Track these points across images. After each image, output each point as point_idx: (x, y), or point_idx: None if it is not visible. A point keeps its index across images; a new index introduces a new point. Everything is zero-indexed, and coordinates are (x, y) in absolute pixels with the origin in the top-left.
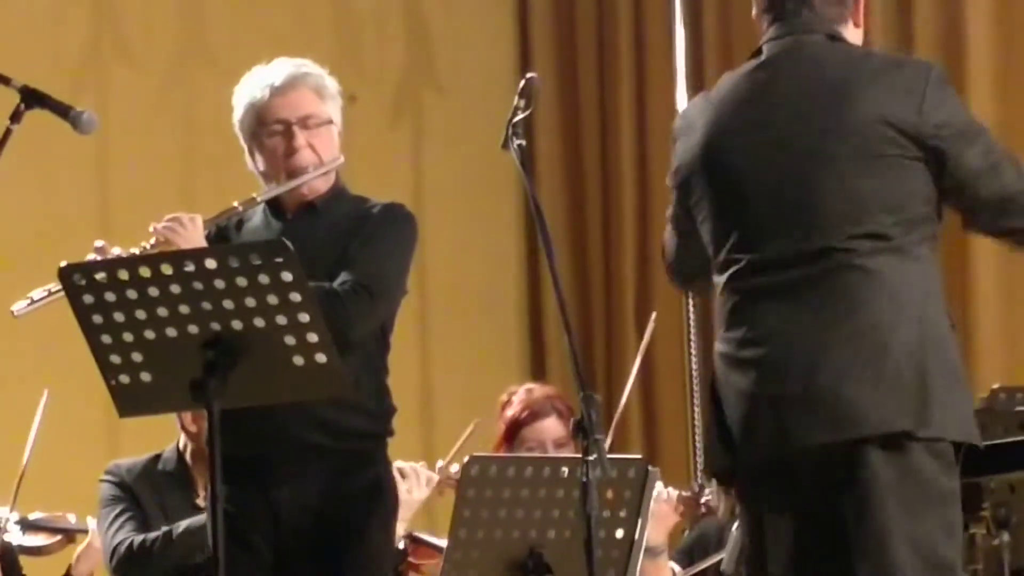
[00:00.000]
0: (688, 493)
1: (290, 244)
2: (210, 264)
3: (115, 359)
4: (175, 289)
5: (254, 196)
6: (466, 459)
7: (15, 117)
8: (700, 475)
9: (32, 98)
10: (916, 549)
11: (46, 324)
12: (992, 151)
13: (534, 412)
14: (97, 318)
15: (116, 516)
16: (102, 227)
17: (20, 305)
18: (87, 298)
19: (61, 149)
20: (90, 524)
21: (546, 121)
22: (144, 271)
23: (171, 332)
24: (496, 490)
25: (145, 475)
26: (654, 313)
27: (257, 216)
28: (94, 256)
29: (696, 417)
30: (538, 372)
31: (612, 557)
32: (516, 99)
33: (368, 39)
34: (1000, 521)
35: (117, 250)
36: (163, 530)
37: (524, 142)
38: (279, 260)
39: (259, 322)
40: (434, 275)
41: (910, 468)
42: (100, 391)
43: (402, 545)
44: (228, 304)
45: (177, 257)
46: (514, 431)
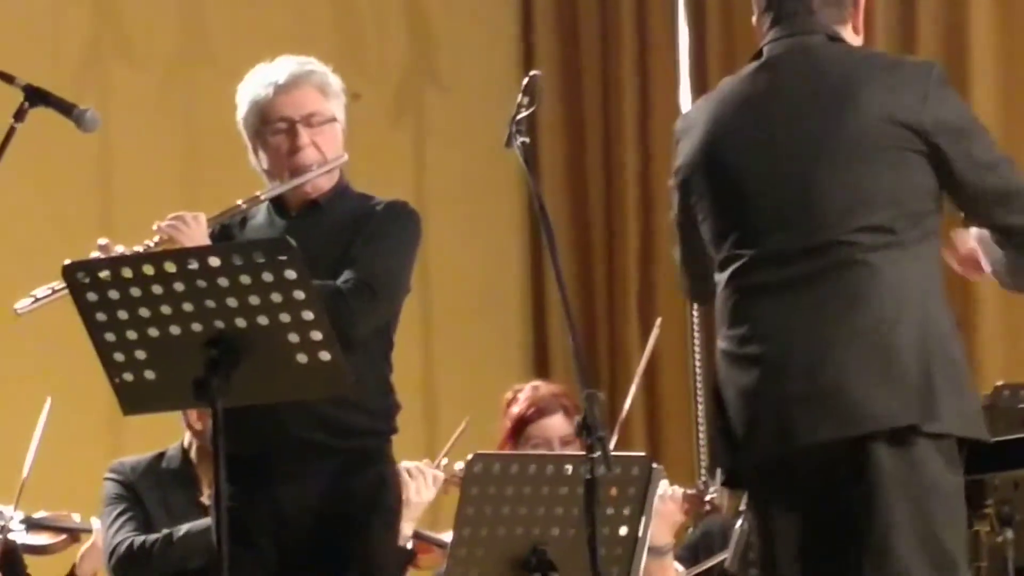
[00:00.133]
0: (693, 491)
1: (293, 242)
2: (214, 262)
3: (119, 357)
4: (179, 287)
5: (258, 194)
6: (469, 457)
7: (18, 115)
8: (704, 473)
9: (35, 96)
10: (922, 545)
11: (50, 322)
12: (994, 149)
13: (540, 409)
14: (101, 316)
15: (117, 515)
16: (104, 225)
17: (24, 303)
18: (91, 296)
19: (63, 147)
20: (94, 524)
21: (549, 119)
22: (148, 269)
23: (175, 330)
24: (500, 487)
25: (149, 473)
26: (659, 319)
27: (261, 214)
28: (97, 254)
29: (700, 415)
30: (541, 370)
31: (615, 555)
32: (519, 97)
33: (370, 37)
34: (1004, 518)
35: (120, 248)
36: (163, 533)
37: (527, 140)
38: (283, 258)
39: (263, 320)
40: (437, 273)
41: (915, 464)
42: (104, 389)
43: (410, 545)
44: (232, 302)
45: (181, 255)
46: (520, 428)
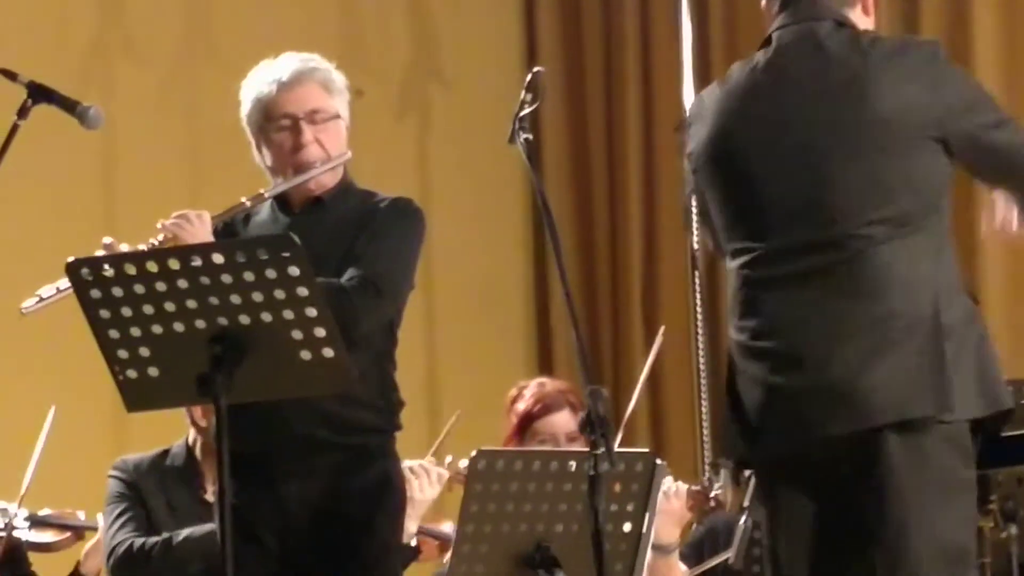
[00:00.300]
0: (697, 487)
1: (297, 239)
2: (217, 259)
3: (122, 354)
4: (182, 284)
5: (261, 192)
6: (473, 453)
7: (22, 112)
8: (708, 469)
9: (39, 93)
10: (935, 538)
11: (55, 320)
12: (1000, 111)
13: (547, 405)
14: (104, 313)
15: (118, 515)
16: (108, 222)
17: (29, 303)
18: (94, 293)
19: (67, 144)
20: (99, 521)
21: (552, 115)
22: (151, 266)
23: (178, 327)
24: (503, 484)
25: (153, 471)
26: (662, 328)
27: (264, 210)
28: (102, 253)
29: (704, 412)
30: (545, 367)
31: (620, 551)
32: (522, 93)
33: (373, 34)
34: (1008, 514)
35: (125, 247)
36: (163, 536)
37: (531, 136)
38: (286, 255)
39: (266, 317)
40: (440, 270)
41: (928, 457)
42: (108, 386)
43: (414, 543)
44: (235, 299)
45: (184, 252)
46: (526, 424)
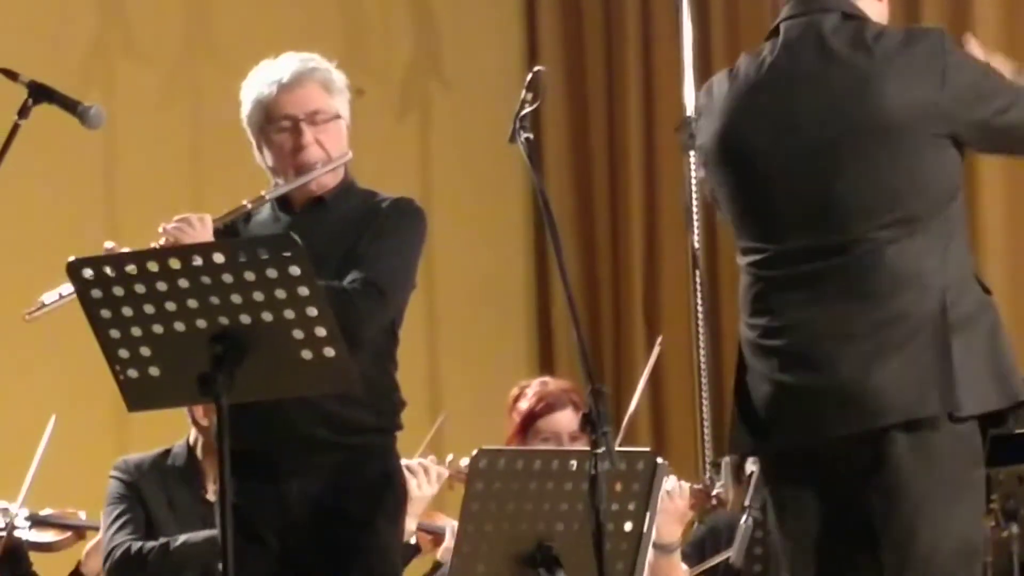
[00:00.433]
0: (699, 486)
1: (298, 238)
2: (218, 258)
3: (123, 353)
4: (183, 283)
5: (263, 194)
6: (474, 452)
7: (23, 112)
8: (709, 468)
9: (40, 93)
10: (944, 537)
11: (56, 321)
12: (1009, 91)
13: (550, 404)
14: (105, 312)
15: (117, 516)
16: (109, 222)
17: (32, 309)
18: (95, 292)
19: (68, 144)
20: (93, 523)
21: (553, 114)
22: (152, 265)
23: (179, 326)
24: (504, 483)
25: (154, 470)
26: (660, 337)
27: (265, 210)
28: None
29: (705, 411)
30: (546, 366)
31: (621, 550)
32: (523, 92)
33: (375, 33)
34: (1009, 513)
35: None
36: (160, 541)
37: (531, 135)
38: (287, 254)
39: (267, 316)
40: (442, 269)
41: (937, 456)
42: (110, 386)
43: (413, 540)
44: (236, 298)
45: (185, 251)
46: (529, 423)
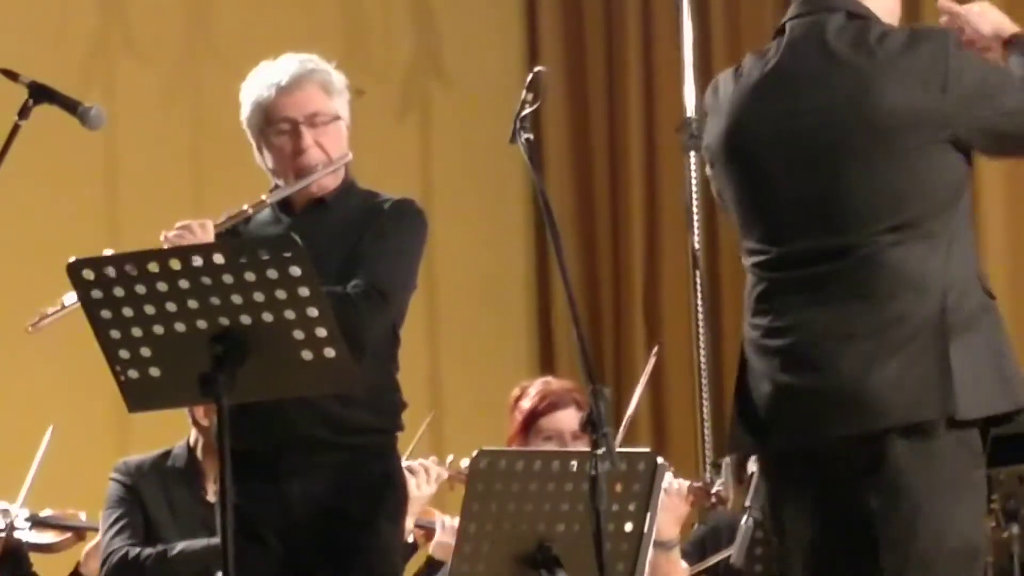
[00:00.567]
0: (699, 484)
1: (298, 239)
2: (218, 259)
3: (124, 354)
4: (184, 284)
5: (263, 198)
6: (475, 453)
7: (23, 113)
8: (710, 468)
9: (40, 93)
10: (946, 537)
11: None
12: (1016, 89)
13: (553, 402)
14: (105, 313)
15: (116, 520)
16: (110, 222)
17: (35, 321)
18: (95, 293)
19: (69, 145)
20: (94, 523)
21: (554, 114)
22: (152, 266)
23: (180, 327)
24: (505, 484)
25: (154, 472)
26: (656, 347)
27: (266, 211)
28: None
29: (705, 411)
30: (546, 366)
31: (621, 550)
32: (524, 92)
33: (375, 32)
34: (1009, 513)
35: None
36: (158, 548)
37: (532, 136)
38: (287, 255)
39: (267, 317)
40: (442, 269)
41: (936, 457)
42: (110, 386)
43: (411, 539)
44: (237, 299)
45: (185, 252)
46: (531, 421)
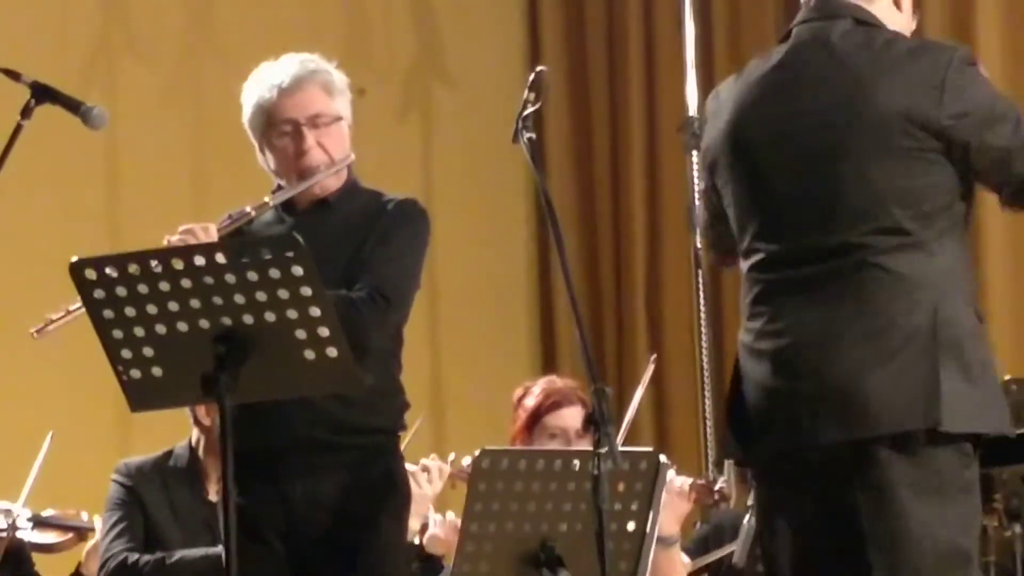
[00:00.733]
0: (702, 481)
1: (301, 239)
2: (220, 259)
3: (126, 354)
4: (186, 283)
5: (266, 200)
6: (477, 452)
7: (25, 112)
8: (712, 467)
9: (42, 94)
10: (934, 542)
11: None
12: (1021, 132)
13: (558, 400)
14: (108, 313)
15: (115, 523)
16: (112, 222)
17: (39, 327)
18: (98, 293)
19: (71, 144)
20: (96, 523)
21: (556, 114)
22: (155, 265)
23: (182, 326)
24: (508, 483)
25: (155, 473)
26: (653, 355)
27: (269, 212)
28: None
29: (707, 407)
30: (549, 365)
31: (624, 549)
32: (526, 92)
33: (377, 32)
34: (1012, 513)
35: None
36: (157, 556)
37: (534, 135)
38: (290, 255)
39: (270, 316)
40: (444, 269)
41: (925, 461)
42: (113, 387)
43: (416, 540)
44: (239, 298)
45: (188, 251)
46: (536, 419)
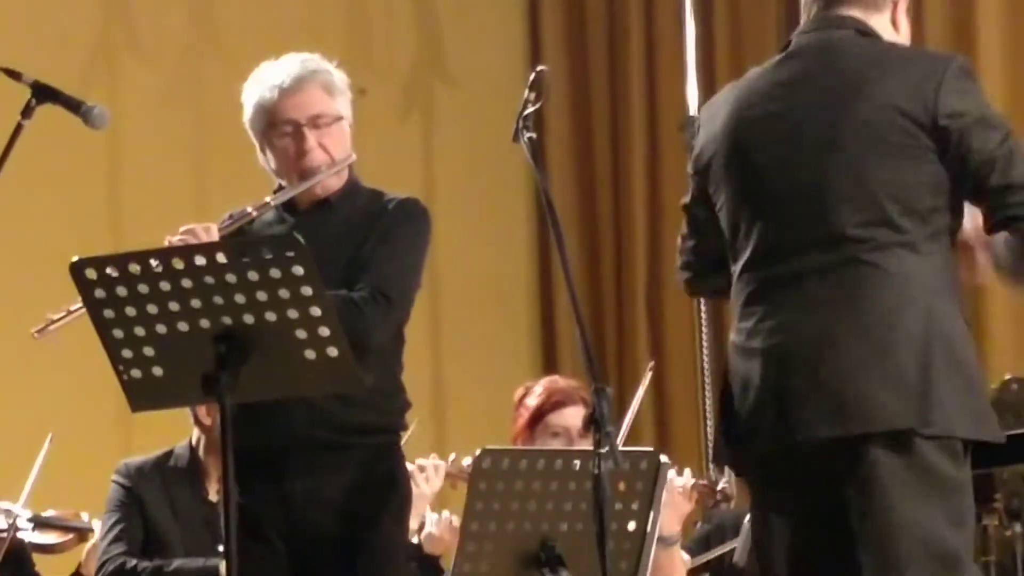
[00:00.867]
0: (704, 481)
1: (301, 238)
2: (221, 258)
3: (127, 353)
4: (186, 283)
5: (268, 200)
6: (478, 452)
7: (26, 112)
8: (713, 467)
9: (43, 93)
10: (923, 541)
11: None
12: (1008, 144)
13: (560, 399)
14: (108, 312)
15: (113, 525)
16: (113, 222)
17: (40, 327)
18: (98, 292)
19: (72, 144)
20: (96, 524)
21: (557, 114)
22: (155, 265)
23: (183, 326)
24: (508, 483)
25: (155, 473)
26: (651, 363)
27: (270, 212)
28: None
29: (708, 406)
30: (550, 365)
31: (624, 549)
32: (526, 92)
33: (378, 32)
34: (1012, 512)
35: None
36: (155, 563)
37: (535, 135)
38: (290, 254)
39: (270, 316)
40: (445, 268)
41: (915, 460)
42: (113, 386)
43: (416, 540)
44: (240, 298)
45: (188, 251)
46: (538, 418)
